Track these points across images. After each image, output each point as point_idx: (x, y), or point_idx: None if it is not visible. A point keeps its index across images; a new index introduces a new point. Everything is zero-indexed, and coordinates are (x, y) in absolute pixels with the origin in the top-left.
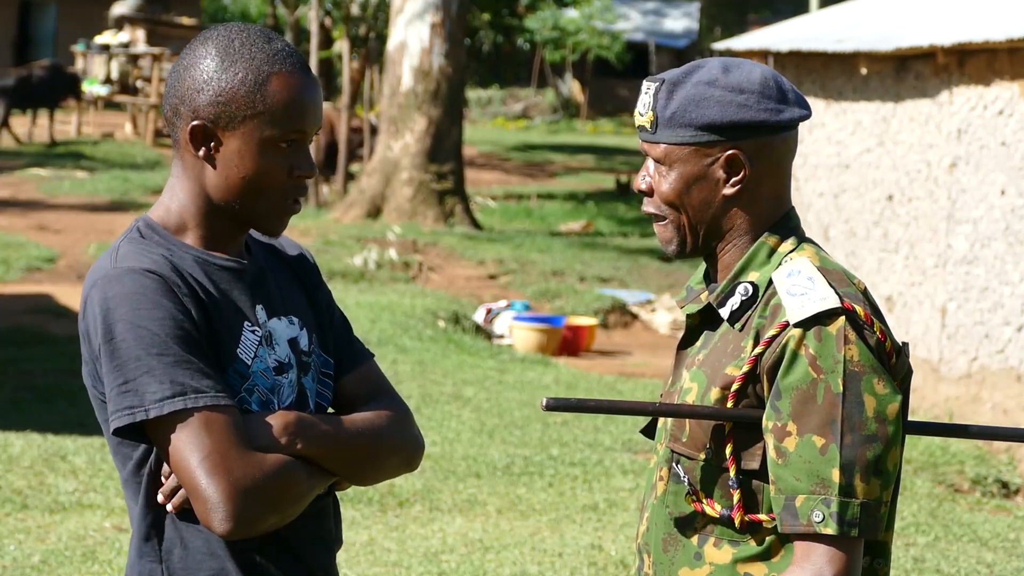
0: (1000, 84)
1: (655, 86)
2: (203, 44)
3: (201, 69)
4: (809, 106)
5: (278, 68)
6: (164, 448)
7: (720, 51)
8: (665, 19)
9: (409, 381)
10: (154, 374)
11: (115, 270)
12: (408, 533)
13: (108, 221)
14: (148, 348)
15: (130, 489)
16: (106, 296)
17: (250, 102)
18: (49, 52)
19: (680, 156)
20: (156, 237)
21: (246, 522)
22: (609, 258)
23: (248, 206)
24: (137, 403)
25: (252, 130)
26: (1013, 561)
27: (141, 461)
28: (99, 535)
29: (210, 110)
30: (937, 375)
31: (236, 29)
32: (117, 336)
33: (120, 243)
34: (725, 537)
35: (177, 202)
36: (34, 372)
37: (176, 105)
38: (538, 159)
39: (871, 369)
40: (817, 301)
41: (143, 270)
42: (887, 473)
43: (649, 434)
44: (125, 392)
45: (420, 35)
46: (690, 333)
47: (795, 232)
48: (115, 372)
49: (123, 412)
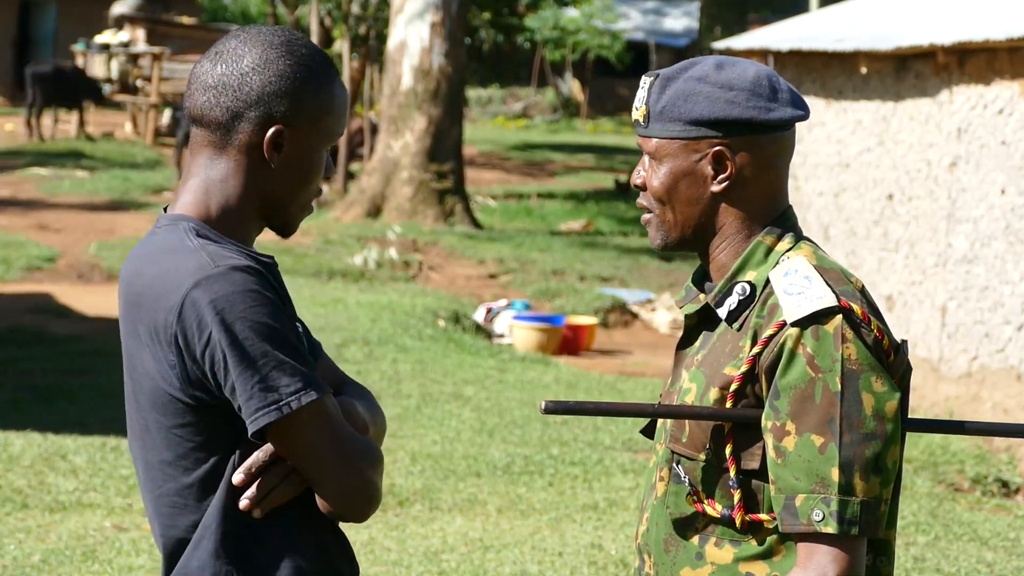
0: (1000, 83)
1: (650, 81)
2: (267, 47)
3: (275, 71)
4: (806, 106)
5: (334, 72)
6: (293, 442)
7: (720, 50)
8: (665, 18)
9: (409, 380)
10: (284, 368)
11: (217, 269)
12: (408, 532)
13: (108, 220)
14: (272, 343)
15: (202, 491)
16: (216, 296)
17: (321, 104)
18: (49, 52)
19: (670, 151)
20: (212, 235)
21: (377, 502)
22: (609, 257)
23: (290, 207)
24: (277, 399)
25: (319, 132)
26: (1013, 560)
27: (216, 467)
28: (99, 534)
29: (288, 114)
30: (937, 374)
31: (281, 31)
32: (240, 335)
33: (195, 241)
34: (726, 537)
35: (223, 202)
36: (34, 372)
37: (238, 108)
38: (538, 158)
39: (869, 367)
40: (814, 300)
41: (245, 266)
42: (886, 471)
43: (649, 434)
44: (264, 390)
45: (420, 34)
46: (689, 333)
47: (792, 231)
48: (247, 372)
49: (269, 409)
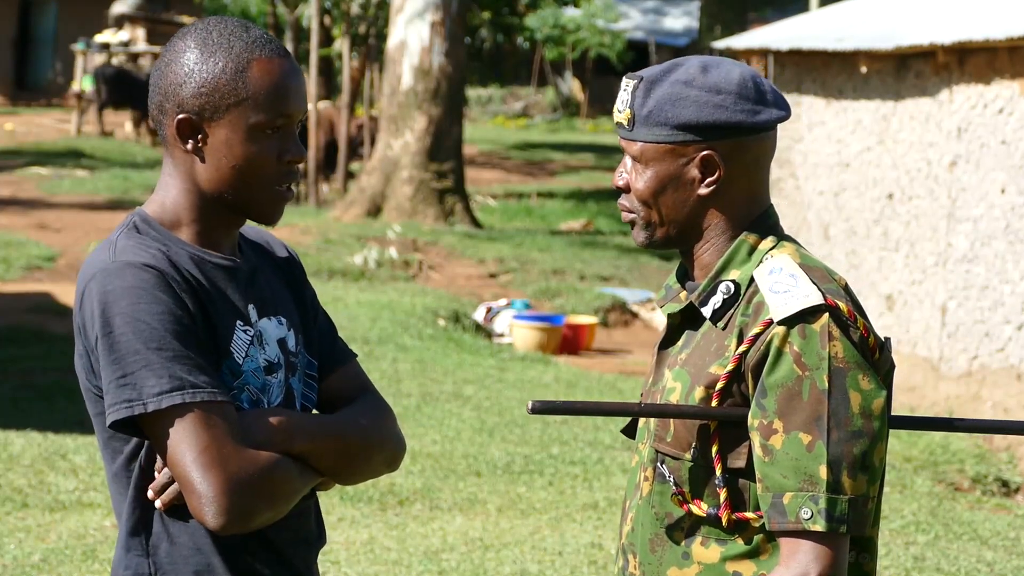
0: (1000, 83)
1: (633, 83)
2: (182, 39)
3: (182, 63)
4: (788, 107)
5: (258, 54)
6: (159, 442)
7: (720, 50)
8: (665, 17)
9: (409, 380)
10: (153, 368)
11: (114, 264)
12: (408, 532)
13: (108, 220)
14: (147, 342)
15: (119, 484)
16: (105, 290)
17: (233, 90)
18: (49, 51)
19: (656, 155)
20: (152, 232)
21: (240, 516)
22: (609, 257)
23: (241, 196)
24: (135, 396)
25: (238, 118)
26: (1013, 560)
27: (131, 456)
28: (99, 534)
29: (194, 102)
30: (937, 374)
31: (214, 22)
32: (116, 330)
33: (117, 237)
34: (713, 536)
35: (171, 198)
36: (34, 371)
37: (160, 102)
38: (538, 158)
39: (856, 365)
40: (800, 298)
41: (142, 264)
42: (873, 469)
43: (630, 434)
44: (123, 385)
45: (420, 34)
46: (671, 332)
47: (774, 230)
48: (113, 366)
49: (121, 405)
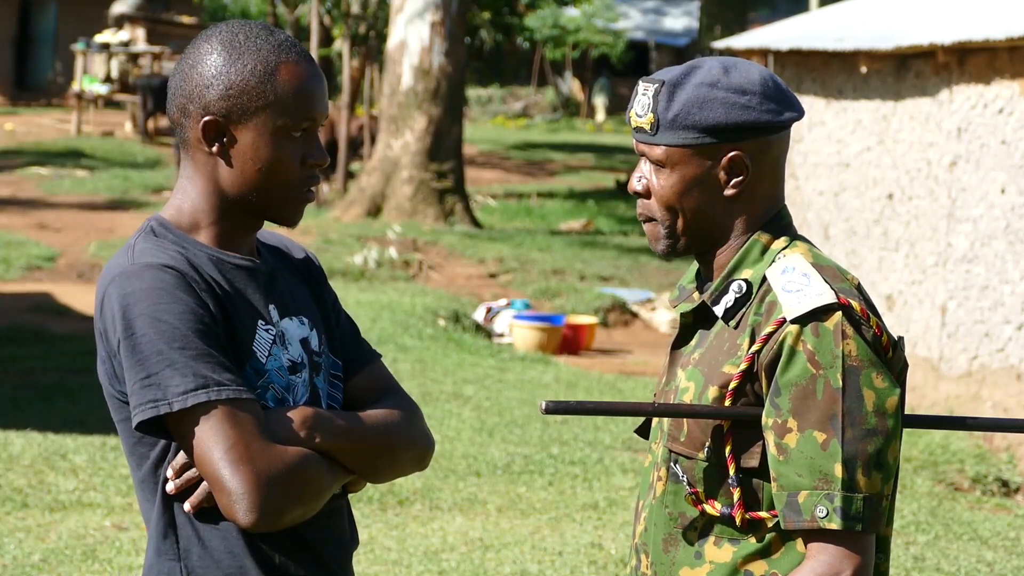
0: (1000, 83)
1: (654, 87)
2: (207, 41)
3: (208, 65)
4: (802, 106)
5: (284, 58)
6: (186, 442)
7: (720, 50)
8: (665, 17)
9: (409, 380)
10: (176, 367)
11: (133, 266)
12: (408, 532)
13: (108, 220)
14: (170, 342)
15: (146, 489)
16: (125, 292)
17: (261, 93)
18: (49, 51)
19: (681, 158)
20: (170, 236)
21: (270, 514)
22: (609, 257)
23: (265, 198)
24: (160, 396)
25: (265, 121)
26: (1013, 560)
27: (158, 461)
28: (99, 534)
29: (221, 105)
30: (937, 374)
31: (238, 24)
32: (138, 331)
33: (135, 240)
34: (725, 536)
35: (189, 201)
36: (34, 371)
37: (184, 104)
38: (538, 158)
39: (869, 363)
40: (813, 297)
41: (161, 265)
42: (888, 467)
43: (643, 434)
44: (148, 386)
45: (420, 34)
46: (684, 332)
47: (787, 230)
48: (137, 367)
49: (147, 406)
